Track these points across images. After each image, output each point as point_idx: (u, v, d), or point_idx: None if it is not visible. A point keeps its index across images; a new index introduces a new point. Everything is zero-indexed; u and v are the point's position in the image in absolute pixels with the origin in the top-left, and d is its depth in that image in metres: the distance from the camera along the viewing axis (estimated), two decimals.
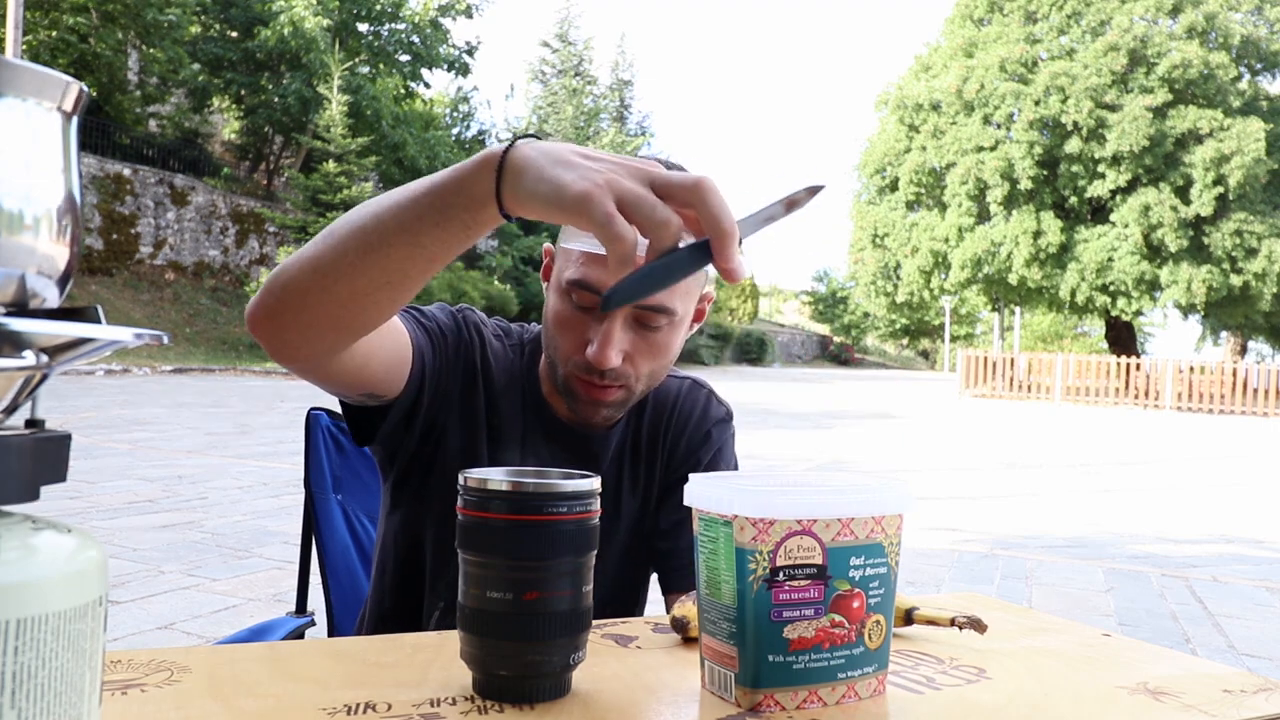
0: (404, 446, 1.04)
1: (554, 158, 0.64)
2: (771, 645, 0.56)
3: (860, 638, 0.59)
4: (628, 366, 0.98)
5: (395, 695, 0.63)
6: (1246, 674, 0.76)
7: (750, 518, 0.57)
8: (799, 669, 0.56)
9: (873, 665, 0.60)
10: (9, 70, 0.33)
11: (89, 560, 0.34)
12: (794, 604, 0.56)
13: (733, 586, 0.58)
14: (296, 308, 0.77)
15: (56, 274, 0.35)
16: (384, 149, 25.57)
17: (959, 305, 40.37)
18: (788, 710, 0.56)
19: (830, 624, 0.57)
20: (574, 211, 0.60)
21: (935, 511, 6.07)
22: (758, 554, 0.57)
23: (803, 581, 0.57)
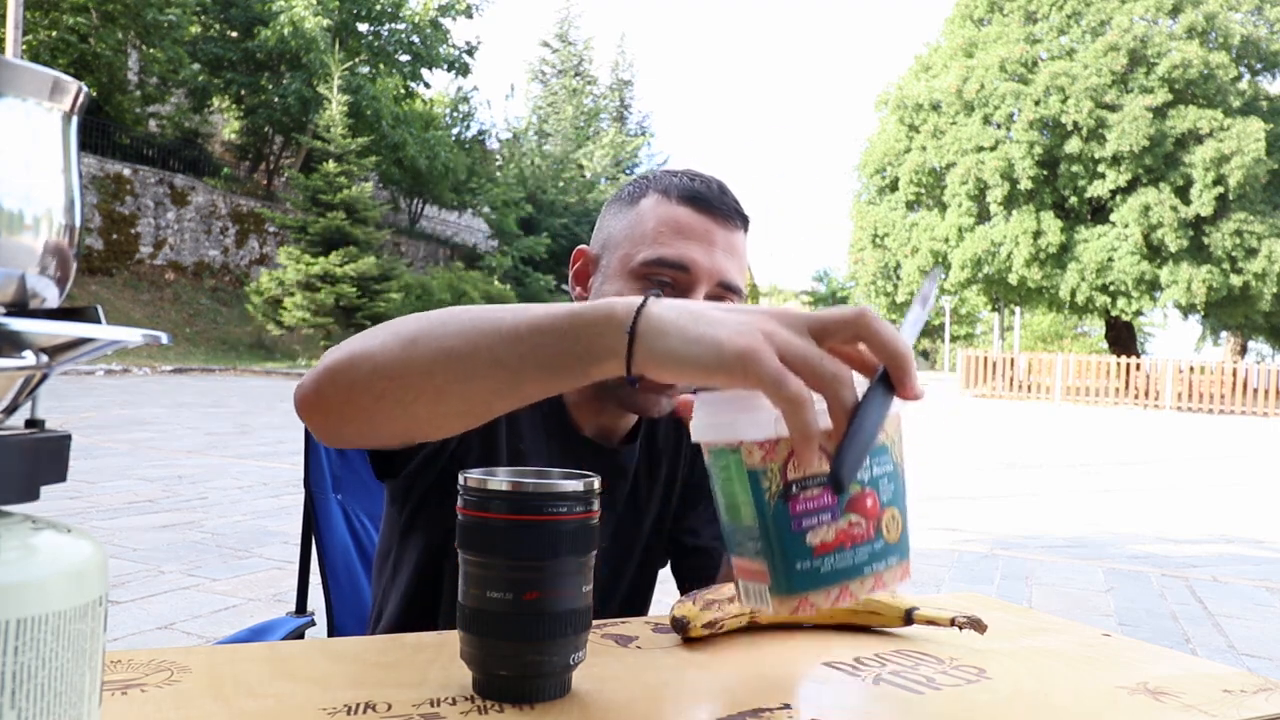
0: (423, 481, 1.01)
1: (695, 314, 0.59)
2: (798, 553, 0.58)
3: (879, 533, 0.60)
4: None
5: (395, 695, 0.63)
6: (1246, 674, 0.76)
7: (756, 441, 0.58)
8: (827, 571, 0.58)
9: (895, 556, 0.61)
10: (9, 70, 0.33)
11: (89, 560, 0.34)
12: (811, 512, 0.58)
13: (751, 508, 0.59)
14: (364, 410, 0.70)
15: (56, 274, 0.35)
16: (384, 149, 25.57)
17: (959, 305, 40.36)
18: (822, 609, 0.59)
19: (848, 525, 0.59)
20: (737, 372, 0.55)
21: (935, 511, 6.07)
22: (769, 473, 0.58)
23: (815, 490, 0.58)
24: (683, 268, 0.95)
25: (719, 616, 0.79)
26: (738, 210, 1.00)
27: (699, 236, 0.96)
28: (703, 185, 1.00)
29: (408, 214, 31.57)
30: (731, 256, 0.98)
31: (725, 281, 0.97)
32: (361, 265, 20.22)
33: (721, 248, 0.97)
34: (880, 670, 0.73)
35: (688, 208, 0.98)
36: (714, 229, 0.97)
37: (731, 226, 0.99)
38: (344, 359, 0.70)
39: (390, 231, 25.44)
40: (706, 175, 1.04)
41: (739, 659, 0.75)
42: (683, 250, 0.95)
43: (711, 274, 0.96)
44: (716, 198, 0.99)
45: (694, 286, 0.96)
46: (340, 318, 20.72)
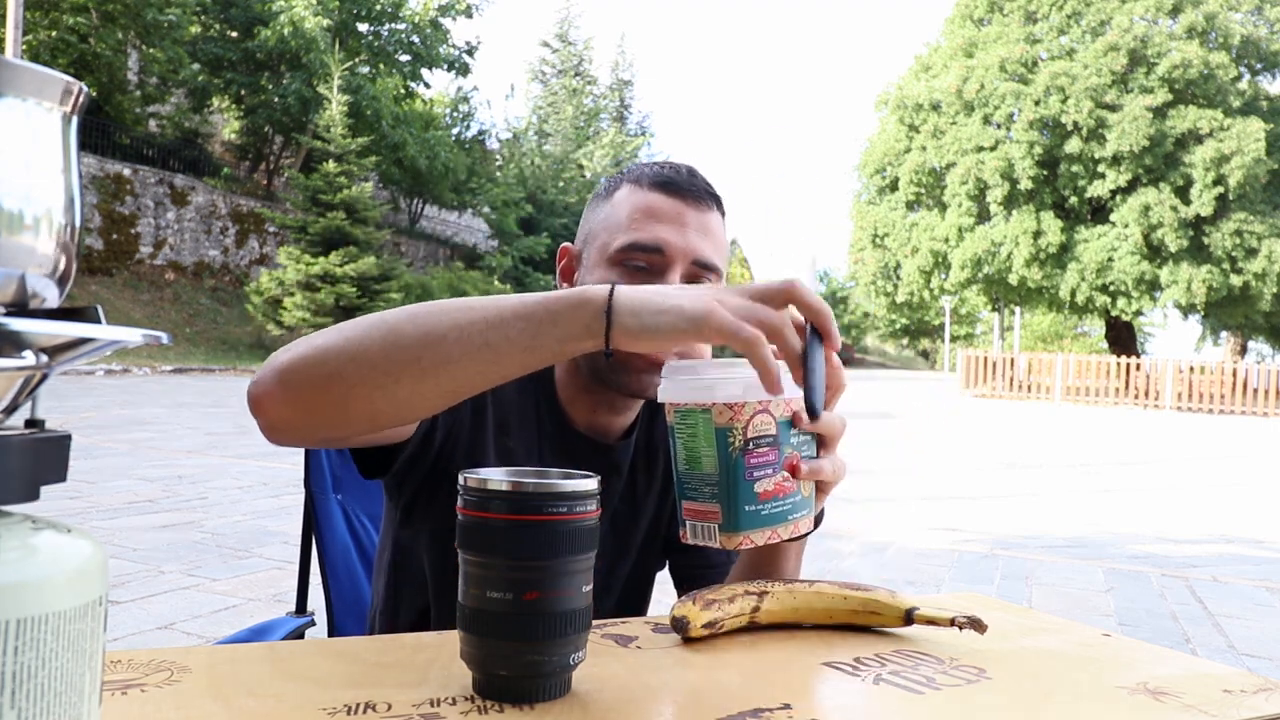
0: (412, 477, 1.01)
1: (657, 291, 0.71)
2: (747, 499, 0.71)
3: (798, 488, 0.74)
4: None
5: (395, 695, 0.63)
6: (1246, 674, 0.76)
7: (726, 403, 0.71)
8: (765, 514, 0.72)
9: (806, 509, 0.76)
10: (9, 70, 0.33)
11: (89, 560, 0.34)
12: (761, 465, 0.71)
13: (714, 459, 0.72)
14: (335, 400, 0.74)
15: (56, 274, 0.35)
16: (384, 149, 25.57)
17: (959, 305, 40.37)
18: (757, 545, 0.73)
19: (783, 479, 0.73)
20: (702, 330, 0.67)
21: (935, 511, 6.07)
22: (734, 430, 0.71)
23: (765, 448, 0.72)
24: (657, 250, 0.97)
25: (719, 616, 0.79)
26: (708, 191, 1.02)
27: (671, 219, 0.98)
28: (672, 171, 1.02)
29: (408, 214, 31.57)
30: (705, 235, 1.00)
31: (700, 260, 0.98)
32: (361, 265, 20.22)
33: (694, 228, 0.99)
34: (880, 670, 0.73)
35: (659, 193, 1.00)
36: (685, 210, 0.99)
37: (703, 207, 1.00)
38: (311, 353, 0.74)
39: (390, 231, 25.43)
40: (678, 163, 1.06)
41: (739, 659, 0.75)
42: (655, 233, 0.97)
43: (686, 252, 0.98)
44: (686, 181, 1.01)
45: (669, 267, 0.97)
46: (340, 318, 20.72)
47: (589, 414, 1.05)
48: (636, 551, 1.11)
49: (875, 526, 5.41)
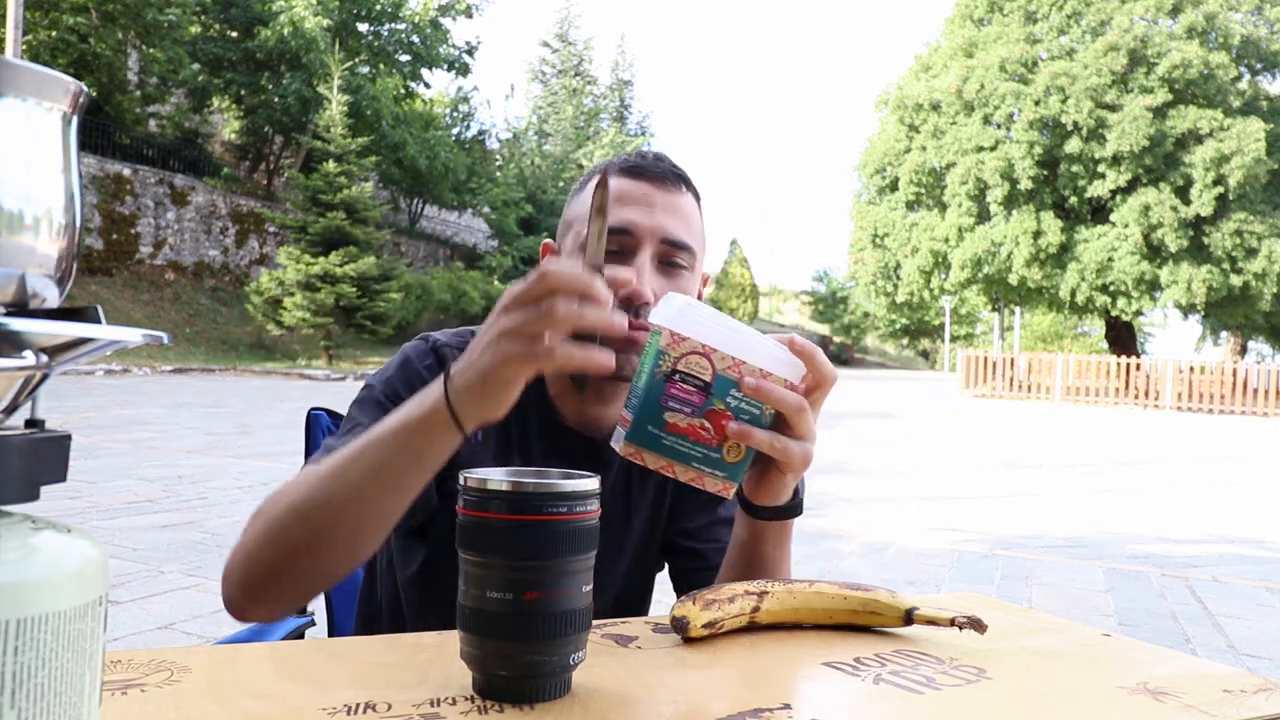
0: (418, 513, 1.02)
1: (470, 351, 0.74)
2: (652, 420, 0.76)
3: (719, 447, 0.77)
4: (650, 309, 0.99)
5: (395, 695, 0.63)
6: (1246, 674, 0.76)
7: (672, 331, 0.76)
8: (665, 444, 0.76)
9: (723, 473, 0.78)
10: (9, 70, 0.33)
11: (89, 560, 0.34)
12: (678, 399, 0.75)
13: (644, 375, 0.77)
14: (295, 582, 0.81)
15: (56, 274, 0.35)
16: (384, 149, 25.57)
17: (959, 305, 40.35)
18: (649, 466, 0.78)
19: (700, 425, 0.76)
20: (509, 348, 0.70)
21: (935, 511, 6.07)
22: (667, 356, 0.76)
23: (690, 387, 0.76)
24: (625, 231, 0.98)
25: (719, 616, 0.79)
26: (675, 172, 1.03)
27: (637, 200, 1.00)
28: (639, 157, 1.04)
29: (408, 214, 31.57)
30: (674, 215, 1.00)
31: (669, 238, 0.99)
32: (361, 265, 20.22)
33: (661, 208, 1.00)
34: (880, 670, 0.73)
35: (626, 178, 1.01)
36: (652, 192, 1.00)
37: (670, 188, 1.01)
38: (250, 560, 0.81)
39: (390, 231, 25.44)
40: (648, 150, 1.07)
41: (739, 659, 0.75)
42: (623, 215, 0.98)
43: (654, 231, 0.99)
44: (652, 164, 1.02)
45: (638, 247, 0.98)
46: (340, 318, 20.72)
47: (578, 408, 1.05)
48: (632, 550, 1.10)
49: (875, 526, 5.41)
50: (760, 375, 0.77)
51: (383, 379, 1.03)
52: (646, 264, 0.98)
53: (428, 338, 1.08)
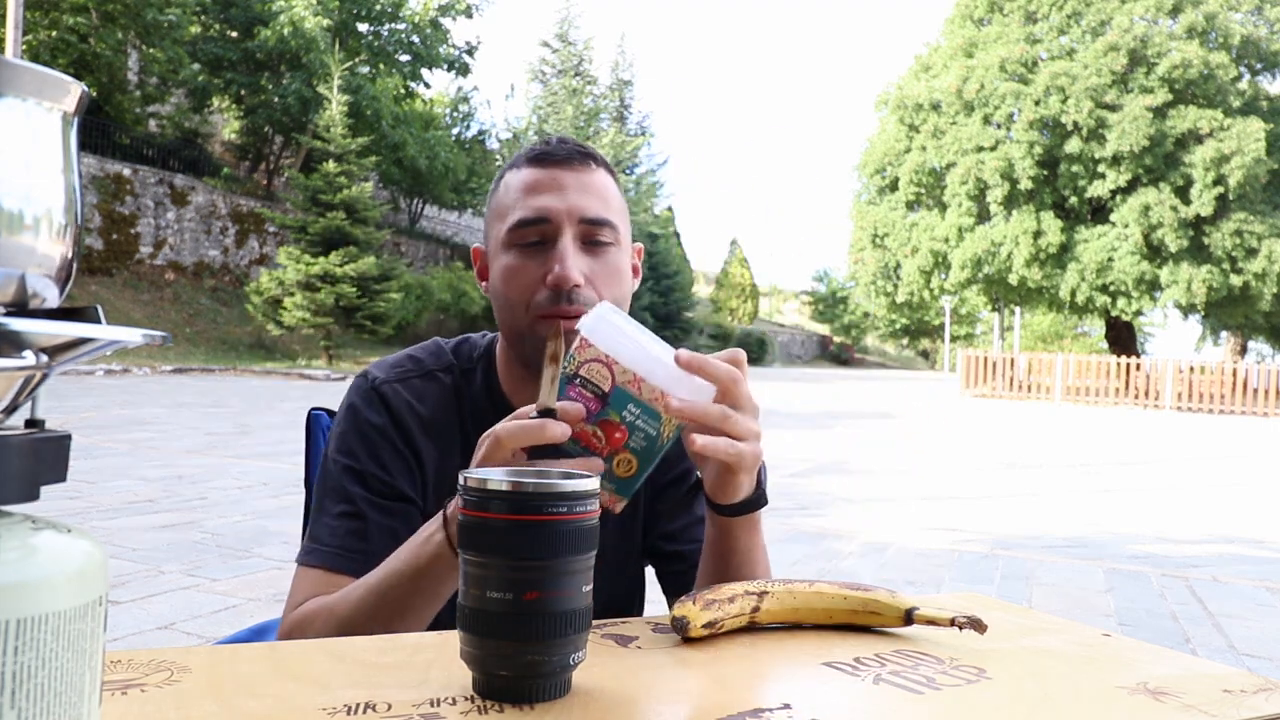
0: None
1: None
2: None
3: (609, 458, 0.79)
4: (591, 291, 0.99)
5: (395, 695, 0.63)
6: (1246, 674, 0.76)
7: (583, 337, 0.79)
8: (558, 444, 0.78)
9: (612, 485, 0.80)
10: (9, 70, 0.33)
11: (89, 560, 0.34)
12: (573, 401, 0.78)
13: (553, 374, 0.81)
14: None
15: (56, 274, 0.35)
16: (384, 149, 25.57)
17: (959, 305, 40.37)
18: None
19: (592, 433, 0.78)
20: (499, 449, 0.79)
21: (935, 511, 6.08)
22: (573, 359, 0.80)
23: (589, 394, 0.79)
24: (542, 220, 0.99)
25: (719, 616, 0.79)
26: (580, 151, 1.03)
27: (548, 187, 1.00)
28: (542, 144, 1.04)
29: (408, 214, 31.57)
30: (588, 193, 1.00)
31: (587, 217, 0.99)
32: (361, 265, 20.21)
33: (573, 188, 1.00)
34: (880, 670, 0.73)
35: (532, 167, 1.02)
36: (561, 174, 1.00)
37: (578, 167, 1.01)
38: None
39: (390, 231, 25.44)
40: (553, 135, 1.08)
41: (739, 659, 0.75)
42: (537, 204, 0.99)
43: (570, 213, 0.99)
44: (556, 148, 1.02)
45: (559, 232, 0.99)
46: (340, 318, 20.72)
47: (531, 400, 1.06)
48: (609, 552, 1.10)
49: (875, 526, 5.41)
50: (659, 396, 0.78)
51: (337, 442, 1.06)
52: (569, 247, 0.98)
53: (367, 374, 1.09)
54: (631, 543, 1.12)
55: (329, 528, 1.00)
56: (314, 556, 1.00)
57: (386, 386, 1.06)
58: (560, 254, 0.97)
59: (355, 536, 1.00)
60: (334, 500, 1.02)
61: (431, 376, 1.09)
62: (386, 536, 0.98)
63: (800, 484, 7.10)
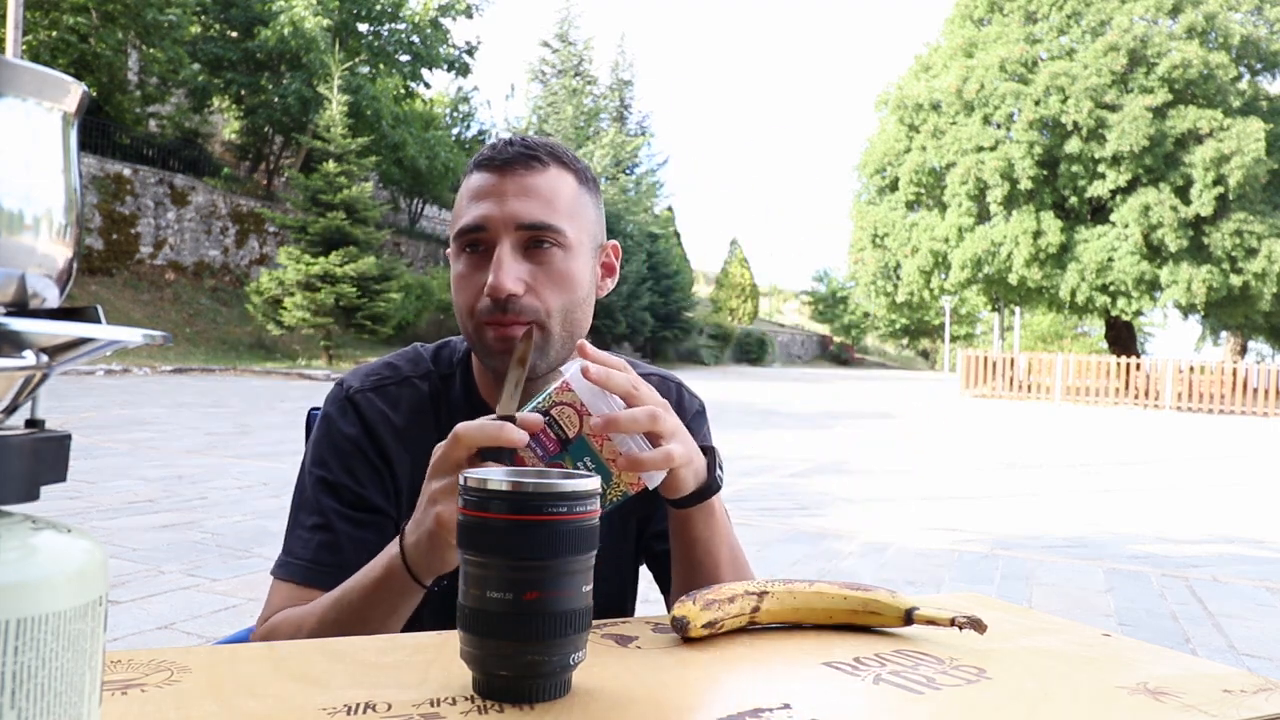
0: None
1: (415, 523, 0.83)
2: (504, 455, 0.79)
3: None
4: (533, 298, 0.98)
5: (395, 695, 0.63)
6: (1246, 674, 0.76)
7: (566, 380, 0.82)
8: None
9: None
10: (9, 70, 0.33)
11: (89, 560, 0.34)
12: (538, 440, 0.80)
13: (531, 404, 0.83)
14: None
15: (56, 274, 0.35)
16: (384, 149, 25.56)
17: (959, 305, 40.36)
18: None
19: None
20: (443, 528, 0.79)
21: (935, 511, 6.08)
22: (547, 398, 0.82)
23: (552, 433, 0.81)
24: (480, 228, 0.98)
25: (719, 616, 0.79)
26: (524, 153, 1.00)
27: (489, 193, 0.99)
28: (491, 148, 1.03)
29: (408, 214, 31.57)
30: (527, 197, 0.98)
31: (525, 222, 0.98)
32: (361, 265, 20.21)
33: (514, 194, 0.98)
34: (880, 670, 0.73)
35: (479, 172, 1.01)
36: (503, 180, 0.99)
37: (520, 171, 0.99)
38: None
39: (390, 231, 25.43)
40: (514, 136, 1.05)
41: (739, 659, 0.75)
42: (477, 212, 0.98)
43: (505, 221, 0.98)
44: (502, 151, 1.01)
45: (496, 240, 0.98)
46: (340, 318, 20.71)
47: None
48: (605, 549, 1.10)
49: (875, 526, 5.41)
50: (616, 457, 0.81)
51: (312, 452, 1.07)
52: (506, 254, 0.97)
53: (343, 383, 1.09)
54: (627, 542, 1.13)
55: (302, 540, 1.01)
56: (286, 570, 1.01)
57: (360, 396, 1.06)
58: (495, 262, 0.97)
59: (327, 550, 1.00)
60: (307, 513, 1.03)
61: (408, 383, 1.09)
62: (359, 549, 0.98)
63: (800, 484, 7.10)
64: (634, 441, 0.83)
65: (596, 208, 1.07)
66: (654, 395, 0.86)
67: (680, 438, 0.86)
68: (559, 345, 1.01)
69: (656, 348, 34.62)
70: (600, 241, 1.07)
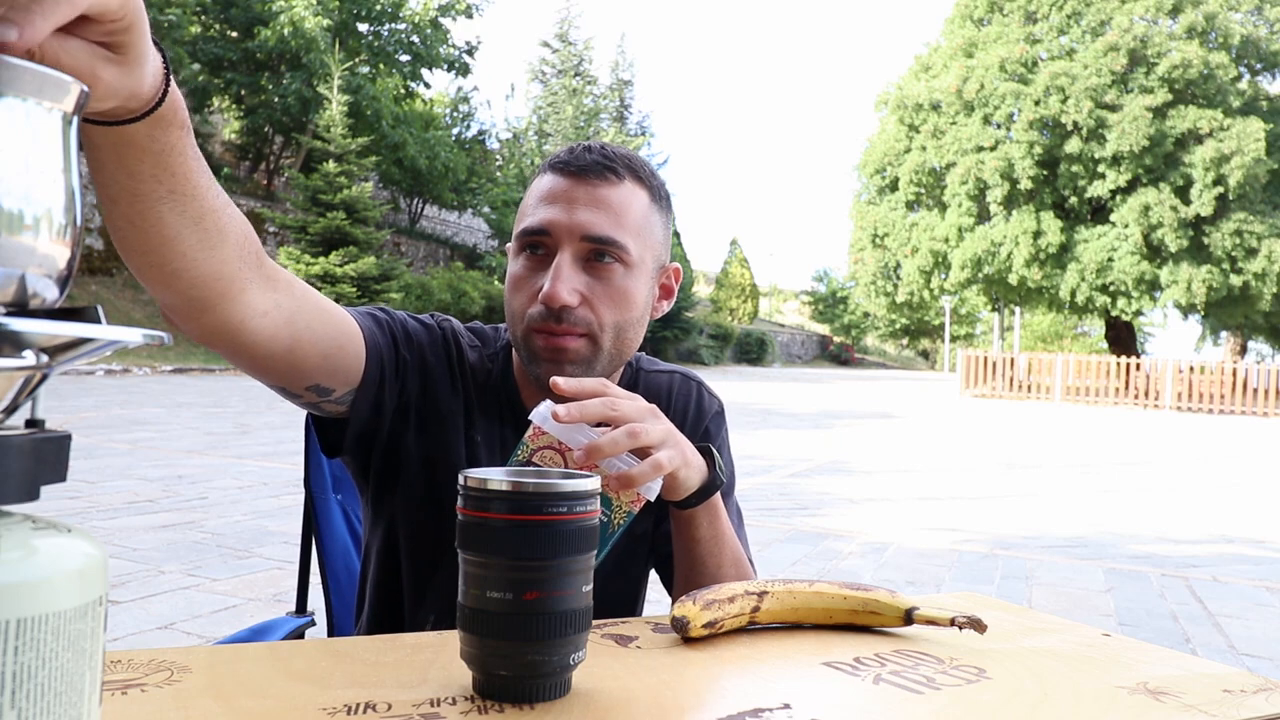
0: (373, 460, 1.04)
1: None
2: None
3: None
4: (587, 311, 0.97)
5: (395, 695, 0.63)
6: (1246, 674, 0.76)
7: (537, 425, 0.83)
8: None
9: None
10: (9, 70, 0.33)
11: (89, 560, 0.34)
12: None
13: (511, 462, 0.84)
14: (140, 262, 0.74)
15: (56, 274, 0.35)
16: (384, 149, 25.55)
17: (959, 305, 40.35)
18: None
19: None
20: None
21: (935, 511, 6.07)
22: (525, 446, 0.84)
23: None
24: (544, 232, 0.98)
25: (719, 616, 0.79)
26: (602, 163, 0.99)
27: (559, 198, 0.98)
28: (568, 152, 1.02)
29: (408, 214, 31.56)
30: (597, 209, 0.98)
31: (589, 234, 0.97)
32: (361, 265, 20.21)
33: (583, 203, 0.98)
34: (880, 670, 0.73)
35: (553, 174, 1.00)
36: (575, 187, 0.98)
37: (597, 181, 0.98)
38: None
39: (390, 231, 25.43)
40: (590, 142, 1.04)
41: (739, 659, 0.75)
42: (544, 215, 0.98)
43: (571, 230, 0.97)
44: (579, 157, 1.00)
45: (558, 246, 0.98)
46: None
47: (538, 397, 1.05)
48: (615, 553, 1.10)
49: (875, 526, 5.41)
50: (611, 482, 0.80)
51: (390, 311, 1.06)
52: (566, 264, 0.96)
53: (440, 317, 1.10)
54: (640, 543, 1.12)
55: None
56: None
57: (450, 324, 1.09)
58: (554, 270, 0.96)
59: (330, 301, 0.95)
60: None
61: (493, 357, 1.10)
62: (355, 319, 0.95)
63: (800, 484, 7.10)
64: (623, 461, 0.83)
65: (665, 227, 1.05)
66: (635, 408, 0.85)
67: (670, 442, 0.85)
68: (606, 361, 1.01)
69: (656, 348, 34.62)
70: (663, 262, 1.06)
